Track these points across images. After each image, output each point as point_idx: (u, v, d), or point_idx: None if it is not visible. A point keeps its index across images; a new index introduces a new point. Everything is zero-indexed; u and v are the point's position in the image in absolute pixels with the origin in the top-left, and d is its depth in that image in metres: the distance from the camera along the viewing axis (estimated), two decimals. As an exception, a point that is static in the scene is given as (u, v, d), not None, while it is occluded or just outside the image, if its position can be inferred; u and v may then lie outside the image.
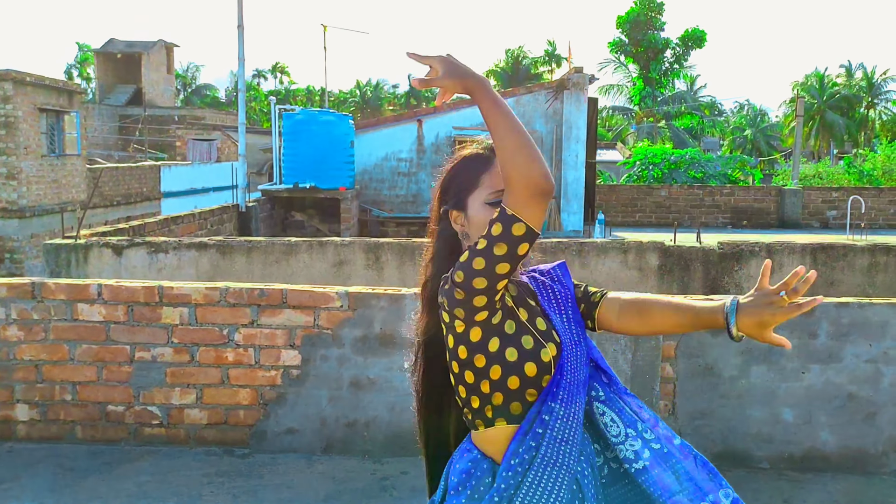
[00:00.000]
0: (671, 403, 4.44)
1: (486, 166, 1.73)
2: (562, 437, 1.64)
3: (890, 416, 4.37)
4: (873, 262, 6.26)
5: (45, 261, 5.96)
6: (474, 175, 1.74)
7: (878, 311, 4.33)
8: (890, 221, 18.16)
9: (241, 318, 4.49)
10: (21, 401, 4.56)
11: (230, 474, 4.22)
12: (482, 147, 1.78)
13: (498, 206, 1.60)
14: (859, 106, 54.99)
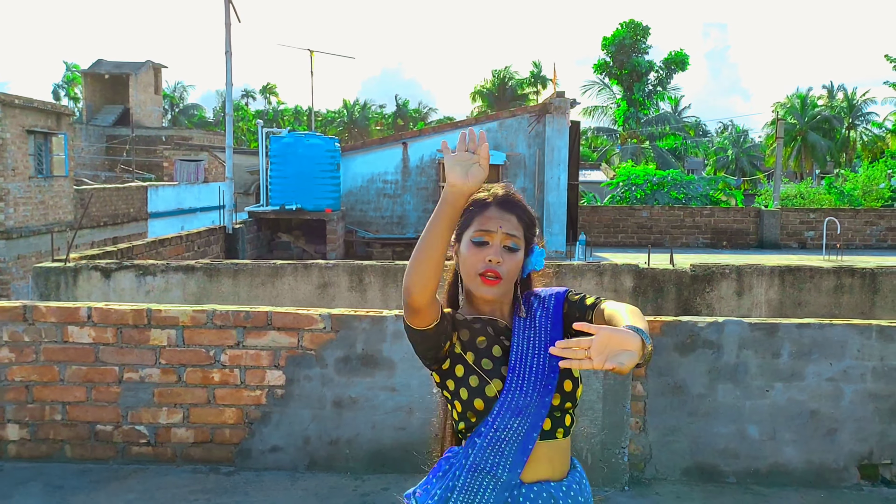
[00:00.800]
0: (642, 420, 4.61)
1: (481, 210, 1.94)
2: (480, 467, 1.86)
3: (850, 433, 4.56)
4: (839, 284, 6.49)
5: (35, 283, 6.09)
6: (471, 216, 1.94)
7: (837, 331, 4.54)
8: (866, 242, 18.52)
9: (227, 339, 4.64)
10: (12, 420, 4.68)
11: (216, 491, 4.36)
12: (485, 192, 1.98)
13: (481, 245, 1.86)
14: (840, 127, 55.84)
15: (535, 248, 2.01)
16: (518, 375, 1.89)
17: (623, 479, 4.49)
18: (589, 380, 4.48)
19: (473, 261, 1.91)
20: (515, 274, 1.95)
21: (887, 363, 4.52)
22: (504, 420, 1.86)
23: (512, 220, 1.94)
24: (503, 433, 1.85)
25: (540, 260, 2.02)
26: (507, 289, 1.95)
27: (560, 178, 14.43)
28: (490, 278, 1.90)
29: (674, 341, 4.57)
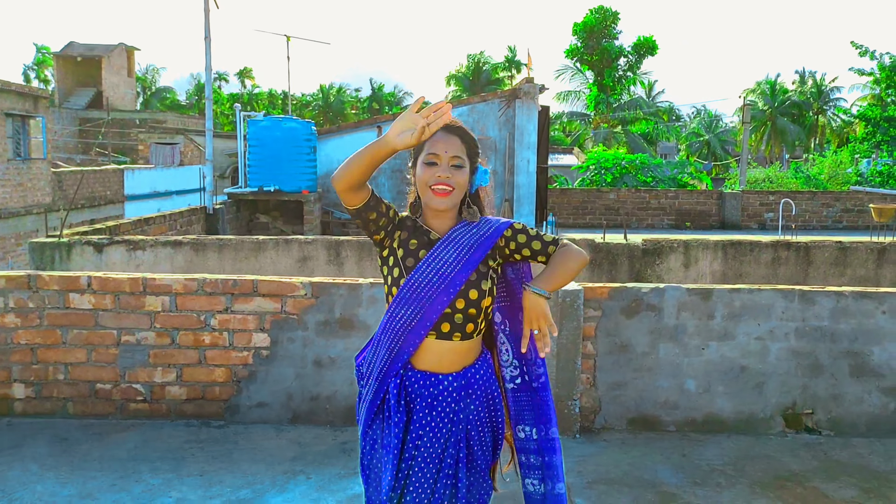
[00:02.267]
0: (592, 376, 5.14)
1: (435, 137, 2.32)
2: (380, 343, 2.37)
3: (776, 386, 5.13)
4: (776, 257, 7.06)
5: (31, 258, 6.46)
6: (429, 142, 2.33)
7: (765, 295, 5.09)
8: (823, 223, 19.30)
9: (216, 305, 5.08)
10: (18, 380, 5.10)
11: (208, 441, 4.82)
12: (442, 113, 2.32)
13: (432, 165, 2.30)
14: (809, 112, 56.93)
15: (480, 168, 2.40)
16: (422, 274, 2.27)
17: (574, 428, 5.02)
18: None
19: (426, 178, 2.31)
20: (464, 187, 2.33)
21: (808, 323, 5.08)
22: (399, 309, 2.29)
23: (455, 141, 2.32)
24: (396, 321, 2.29)
25: (484, 177, 2.41)
26: (456, 201, 2.33)
27: (530, 161, 14.94)
28: (440, 190, 2.29)
29: (620, 305, 5.09)
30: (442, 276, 2.25)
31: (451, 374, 2.32)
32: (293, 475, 4.32)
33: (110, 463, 4.42)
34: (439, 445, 2.29)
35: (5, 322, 5.06)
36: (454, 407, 2.31)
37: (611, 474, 4.43)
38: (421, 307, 2.25)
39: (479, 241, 2.31)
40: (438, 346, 2.31)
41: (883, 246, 7.02)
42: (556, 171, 30.57)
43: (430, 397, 2.31)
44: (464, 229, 2.36)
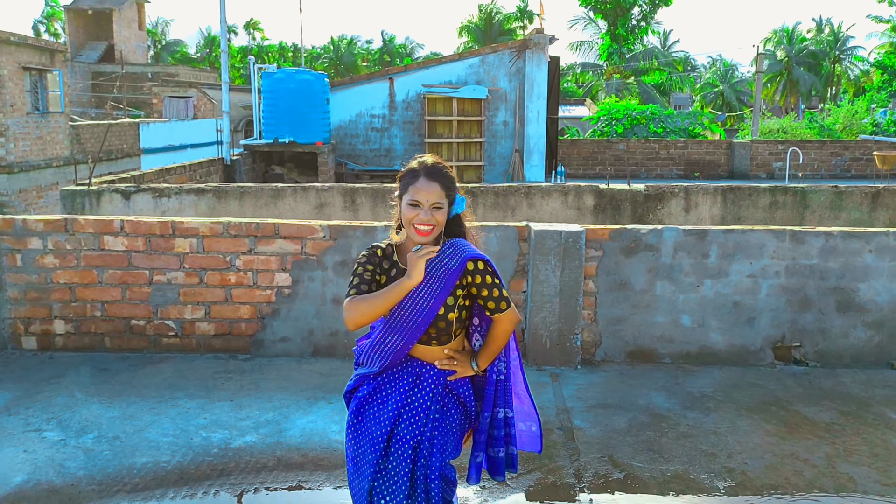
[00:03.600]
0: (593, 312, 5.48)
1: (413, 180, 2.63)
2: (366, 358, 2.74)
3: (766, 320, 5.45)
4: (774, 201, 7.31)
5: (62, 204, 6.81)
6: (407, 183, 2.66)
7: (757, 235, 5.38)
8: (831, 171, 19.41)
9: (241, 247, 5.43)
10: (58, 317, 5.49)
11: (236, 372, 5.21)
12: (417, 163, 2.70)
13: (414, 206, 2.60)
14: (826, 61, 56.18)
15: (458, 197, 2.71)
16: (405, 308, 2.63)
17: (576, 360, 5.38)
18: (549, 279, 5.31)
19: (409, 217, 2.60)
20: (442, 223, 2.66)
21: (798, 262, 5.38)
22: (388, 336, 2.65)
23: (435, 188, 2.61)
24: (387, 345, 2.66)
25: (461, 205, 2.73)
26: (436, 235, 2.65)
27: (539, 111, 15.10)
28: (422, 230, 2.60)
29: (620, 246, 5.40)
30: (421, 308, 2.62)
31: (432, 367, 2.71)
32: (315, 400, 4.71)
33: (148, 390, 4.82)
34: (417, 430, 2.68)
35: (45, 263, 5.43)
36: (432, 391, 2.70)
37: (608, 400, 4.79)
38: (406, 333, 2.64)
39: (448, 275, 2.64)
40: (421, 348, 2.71)
41: (877, 190, 7.24)
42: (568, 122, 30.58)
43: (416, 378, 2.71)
44: (436, 262, 2.67)
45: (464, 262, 2.62)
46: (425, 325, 2.62)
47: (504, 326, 2.70)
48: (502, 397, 2.84)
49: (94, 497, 3.51)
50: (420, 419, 2.66)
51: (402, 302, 2.61)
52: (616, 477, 3.80)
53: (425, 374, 2.69)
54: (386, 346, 2.66)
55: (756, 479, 3.78)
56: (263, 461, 3.89)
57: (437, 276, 2.61)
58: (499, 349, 2.74)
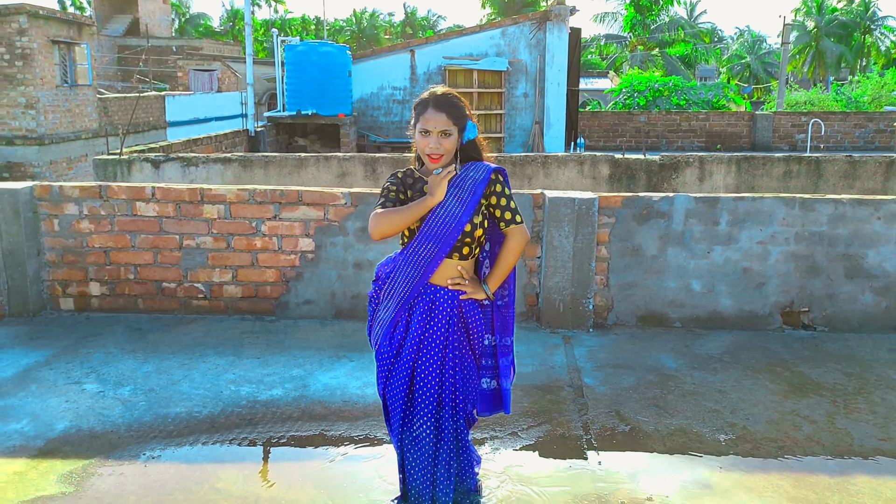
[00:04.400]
0: (605, 278, 5.65)
1: (423, 110, 2.87)
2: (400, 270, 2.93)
3: (775, 286, 5.59)
4: (787, 170, 7.38)
5: (95, 173, 7.07)
6: (418, 114, 2.90)
7: (767, 203, 5.51)
8: (854, 143, 19.26)
9: (266, 213, 5.65)
10: (93, 279, 5.76)
11: (262, 332, 5.46)
12: (428, 93, 2.92)
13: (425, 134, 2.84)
14: (857, 32, 55.11)
15: (469, 124, 2.91)
16: (437, 215, 2.84)
17: (588, 323, 5.56)
18: (562, 244, 5.49)
19: (422, 145, 2.85)
20: (453, 149, 2.87)
21: (807, 229, 5.50)
22: (421, 246, 2.86)
23: (442, 118, 2.82)
24: (420, 254, 2.87)
25: (473, 131, 2.92)
26: (447, 161, 2.87)
27: (560, 83, 15.14)
28: (433, 157, 2.84)
29: (632, 212, 5.55)
30: (453, 216, 2.83)
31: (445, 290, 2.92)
32: (338, 359, 4.94)
33: (180, 348, 5.09)
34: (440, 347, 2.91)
35: (80, 228, 5.70)
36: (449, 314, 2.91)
37: (618, 360, 4.98)
38: (439, 242, 2.84)
39: (476, 185, 2.87)
40: (443, 267, 2.90)
41: (892, 160, 7.30)
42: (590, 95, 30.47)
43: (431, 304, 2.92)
44: (462, 175, 2.90)
45: (489, 172, 2.87)
46: (457, 233, 2.81)
47: (517, 240, 2.92)
48: (501, 323, 3.04)
49: (132, 442, 3.78)
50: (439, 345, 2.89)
51: (434, 211, 2.83)
52: (622, 430, 4.00)
53: (439, 298, 2.90)
54: (420, 255, 2.87)
55: (756, 433, 3.96)
56: (289, 412, 4.13)
57: (465, 187, 2.85)
58: (509, 267, 2.93)
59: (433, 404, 2.90)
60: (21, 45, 15.89)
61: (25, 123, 16.37)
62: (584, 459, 3.68)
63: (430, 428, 2.91)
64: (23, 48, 15.93)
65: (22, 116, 16.29)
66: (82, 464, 3.55)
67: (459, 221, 2.81)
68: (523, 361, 4.86)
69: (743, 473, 3.57)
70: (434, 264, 2.85)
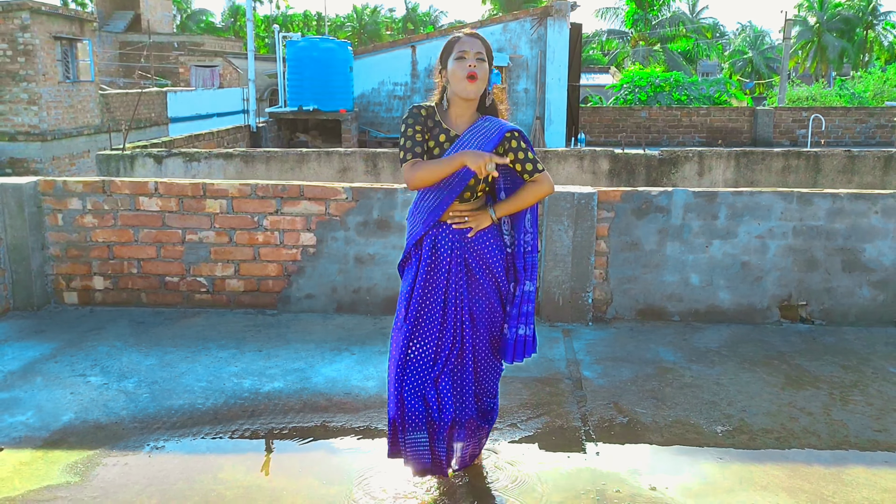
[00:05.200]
0: (605, 272, 5.69)
1: (458, 39, 3.03)
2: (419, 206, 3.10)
3: (773, 280, 5.63)
4: (787, 165, 7.42)
5: (98, 168, 7.12)
6: (451, 46, 3.05)
7: (765, 197, 5.54)
8: (855, 139, 19.28)
9: (268, 207, 5.70)
10: (97, 273, 5.81)
11: (264, 326, 5.51)
12: (460, 32, 3.10)
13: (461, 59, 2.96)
14: (860, 27, 55.00)
15: (494, 70, 3.09)
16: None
17: (587, 316, 5.61)
18: (561, 239, 5.53)
19: (458, 69, 2.95)
20: (486, 79, 3.00)
21: (805, 223, 5.54)
22: (428, 192, 3.05)
23: (476, 43, 3.00)
24: (426, 199, 3.06)
25: (497, 78, 3.21)
26: (481, 89, 2.99)
27: (560, 79, 15.17)
28: (471, 78, 2.94)
29: (631, 207, 5.59)
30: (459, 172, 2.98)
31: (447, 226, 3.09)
32: (339, 352, 4.99)
33: (182, 341, 5.14)
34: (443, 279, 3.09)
35: (84, 222, 5.74)
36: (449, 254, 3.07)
37: (616, 353, 5.03)
38: (450, 184, 3.01)
39: (491, 136, 3.02)
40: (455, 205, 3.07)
41: (890, 154, 7.32)
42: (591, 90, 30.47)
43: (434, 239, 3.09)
44: (479, 125, 3.06)
45: (502, 132, 3.00)
46: (462, 185, 2.98)
47: (541, 186, 3.06)
48: (531, 269, 3.15)
49: (136, 433, 3.83)
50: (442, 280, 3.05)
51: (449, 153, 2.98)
52: (619, 421, 4.04)
53: (441, 234, 3.06)
54: (424, 206, 3.05)
55: (753, 425, 4.00)
56: (291, 404, 4.18)
57: (482, 134, 2.99)
58: (523, 203, 3.06)
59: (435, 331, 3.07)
60: (23, 42, 15.94)
61: (28, 119, 16.42)
62: (583, 451, 3.72)
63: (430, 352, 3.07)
64: (25, 44, 15.97)
65: (24, 112, 16.34)
66: (87, 454, 3.60)
67: (465, 174, 2.97)
68: (523, 354, 4.90)
69: (740, 464, 3.61)
70: (440, 209, 3.01)
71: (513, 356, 3.21)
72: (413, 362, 3.08)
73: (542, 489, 3.36)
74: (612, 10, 46.21)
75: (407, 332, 3.08)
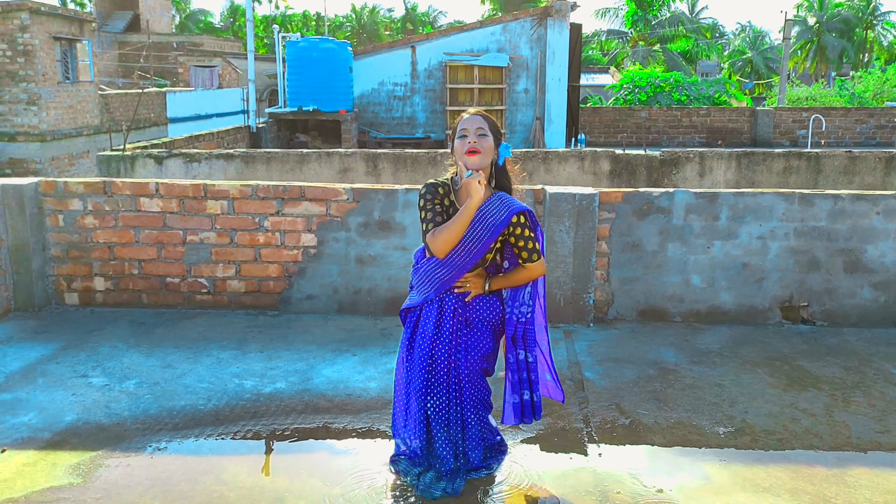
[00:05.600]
0: (606, 272, 5.69)
1: (461, 118, 3.17)
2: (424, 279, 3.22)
3: (774, 280, 5.63)
4: (787, 166, 7.42)
5: (98, 169, 7.11)
6: (457, 125, 3.17)
7: (767, 198, 5.55)
8: (855, 139, 19.29)
9: (269, 208, 5.69)
10: (98, 274, 5.81)
11: (265, 326, 5.51)
12: (468, 112, 3.21)
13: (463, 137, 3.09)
14: (859, 27, 55.02)
15: (503, 143, 3.19)
16: (462, 246, 3.09)
17: (588, 317, 5.61)
18: (563, 240, 5.53)
19: (460, 148, 3.09)
20: (490, 151, 3.10)
21: (807, 224, 5.54)
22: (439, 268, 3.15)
23: (479, 120, 3.13)
24: (434, 275, 3.17)
25: (507, 151, 3.18)
26: (485, 162, 3.08)
27: (560, 79, 15.16)
28: (471, 152, 3.06)
29: (633, 208, 5.59)
30: (469, 251, 3.11)
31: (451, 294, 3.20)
32: (340, 353, 4.99)
33: (184, 342, 5.13)
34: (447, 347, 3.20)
35: (85, 223, 5.74)
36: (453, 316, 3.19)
37: (618, 354, 5.03)
38: (455, 269, 3.14)
39: (496, 225, 3.10)
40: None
41: (891, 155, 7.32)
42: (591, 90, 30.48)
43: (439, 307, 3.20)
44: (490, 203, 3.12)
45: (511, 215, 3.09)
46: (472, 264, 3.10)
47: (528, 273, 3.18)
48: (521, 339, 3.24)
49: (139, 434, 3.82)
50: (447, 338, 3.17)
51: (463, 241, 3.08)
52: (622, 423, 4.04)
53: (447, 300, 3.19)
54: (436, 278, 3.16)
55: (755, 426, 4.00)
56: (293, 405, 4.18)
57: (486, 224, 3.07)
58: (515, 282, 3.20)
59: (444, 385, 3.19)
60: (23, 42, 15.93)
61: (28, 120, 16.41)
62: (585, 452, 3.72)
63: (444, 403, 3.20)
64: (25, 45, 15.97)
65: (24, 113, 16.33)
66: (90, 455, 3.60)
67: (475, 255, 3.09)
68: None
69: (742, 466, 3.61)
70: (449, 283, 3.15)
71: (520, 418, 3.33)
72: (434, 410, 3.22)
73: (545, 490, 3.36)
74: (611, 11, 46.21)
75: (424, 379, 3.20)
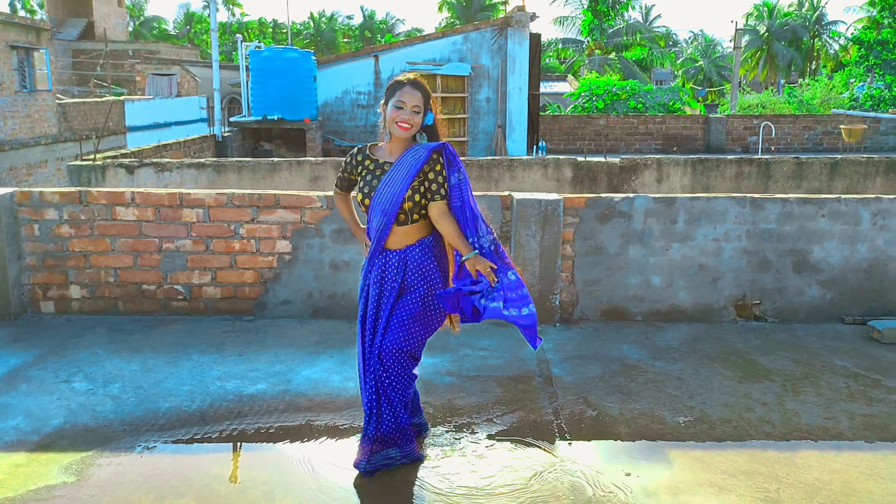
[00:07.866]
0: (570, 274, 5.94)
1: (401, 87, 3.39)
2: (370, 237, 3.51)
3: (729, 280, 5.95)
4: (740, 171, 7.80)
5: (69, 178, 7.16)
6: (394, 90, 3.41)
7: (720, 202, 5.86)
8: (804, 145, 20.01)
9: (244, 216, 5.84)
10: (74, 282, 5.88)
11: (242, 331, 5.64)
12: (404, 77, 3.46)
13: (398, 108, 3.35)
14: (807, 36, 56.69)
15: (430, 112, 3.44)
16: (380, 192, 3.38)
17: (555, 318, 5.85)
18: (529, 244, 5.77)
19: (393, 116, 3.34)
20: (418, 124, 3.38)
21: (758, 226, 5.87)
22: (374, 215, 3.42)
23: (417, 95, 3.36)
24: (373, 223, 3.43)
25: (430, 119, 3.44)
26: (414, 132, 3.38)
27: (521, 88, 15.50)
28: (403, 126, 3.34)
29: (595, 213, 5.86)
30: (393, 192, 3.35)
31: (396, 251, 3.45)
32: (318, 355, 5.15)
33: (162, 347, 5.25)
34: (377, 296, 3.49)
35: (61, 232, 5.82)
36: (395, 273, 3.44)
37: (583, 352, 5.28)
38: (385, 212, 3.37)
39: (414, 165, 3.37)
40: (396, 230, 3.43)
41: (835, 161, 7.76)
42: (549, 98, 30.96)
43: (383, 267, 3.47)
44: (407, 155, 3.40)
45: (428, 152, 3.36)
46: (398, 205, 3.32)
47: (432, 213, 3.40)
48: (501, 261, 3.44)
49: (125, 435, 3.95)
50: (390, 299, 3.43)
51: (378, 188, 3.37)
52: (589, 414, 4.29)
53: (390, 259, 3.45)
54: (372, 226, 3.45)
55: (712, 415, 4.28)
56: (275, 405, 4.34)
57: (405, 165, 3.35)
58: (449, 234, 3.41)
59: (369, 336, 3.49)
60: (-21, 51, 15.72)
61: (-16, 129, 16.18)
62: (555, 442, 3.95)
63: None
64: (-19, 53, 15.76)
65: (-20, 122, 16.10)
66: (80, 456, 3.72)
67: (399, 194, 3.32)
68: (495, 354, 5.14)
69: (702, 451, 3.88)
70: (387, 229, 3.38)
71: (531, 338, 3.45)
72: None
73: (519, 479, 3.58)
74: (568, 19, 46.93)
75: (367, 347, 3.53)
